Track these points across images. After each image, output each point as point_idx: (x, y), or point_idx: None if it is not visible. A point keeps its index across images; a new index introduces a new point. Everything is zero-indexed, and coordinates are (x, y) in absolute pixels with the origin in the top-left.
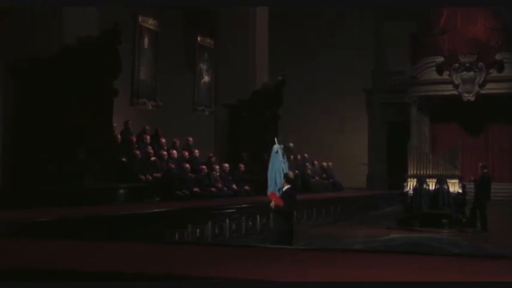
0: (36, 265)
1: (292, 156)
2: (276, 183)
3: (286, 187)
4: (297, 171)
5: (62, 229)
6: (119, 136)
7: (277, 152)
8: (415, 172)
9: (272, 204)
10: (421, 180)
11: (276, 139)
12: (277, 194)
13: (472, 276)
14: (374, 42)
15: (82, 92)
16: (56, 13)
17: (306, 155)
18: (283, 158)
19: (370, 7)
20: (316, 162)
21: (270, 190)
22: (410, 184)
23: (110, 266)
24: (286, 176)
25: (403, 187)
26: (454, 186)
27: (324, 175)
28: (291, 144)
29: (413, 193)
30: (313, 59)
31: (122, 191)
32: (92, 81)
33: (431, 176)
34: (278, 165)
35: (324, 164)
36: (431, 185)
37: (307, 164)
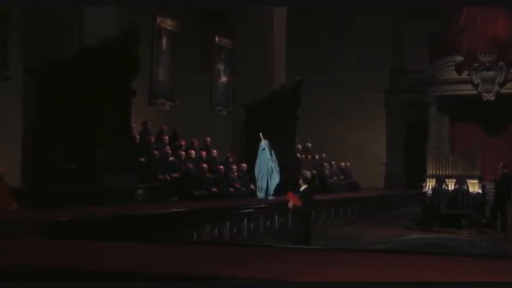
0: (57, 264)
1: (310, 156)
2: (267, 188)
3: (303, 187)
4: (314, 171)
5: (82, 229)
6: (137, 136)
7: (264, 149)
8: (434, 172)
9: (290, 204)
10: (440, 181)
11: (261, 134)
12: (295, 194)
13: (490, 277)
14: (392, 42)
15: (101, 93)
16: (76, 14)
17: (324, 155)
18: (272, 156)
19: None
20: (334, 162)
21: (260, 196)
22: (429, 184)
23: (128, 266)
24: (303, 175)
25: (421, 187)
26: (473, 187)
27: (342, 175)
28: (309, 144)
29: (432, 193)
30: (331, 59)
31: (140, 191)
32: (110, 81)
33: (450, 176)
34: (266, 165)
35: (342, 164)
36: (451, 185)
37: (325, 164)
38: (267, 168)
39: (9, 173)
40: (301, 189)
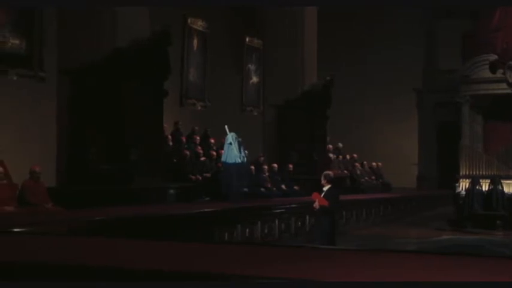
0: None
1: (341, 157)
2: (228, 191)
3: (327, 186)
4: (345, 172)
5: (116, 228)
6: (169, 137)
7: (230, 143)
8: (467, 172)
9: (316, 204)
10: (474, 181)
11: (226, 126)
12: (320, 194)
13: None
14: (425, 41)
15: (133, 93)
16: (109, 15)
17: (355, 155)
18: (240, 152)
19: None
20: (365, 162)
21: (230, 199)
22: (463, 185)
23: (160, 265)
24: (326, 176)
25: (454, 188)
26: (508, 187)
27: (373, 176)
28: (340, 145)
29: (465, 194)
30: (362, 59)
31: (172, 191)
32: (142, 82)
33: (484, 177)
34: (233, 160)
35: (374, 164)
36: (485, 186)
37: (357, 164)
38: (236, 167)
39: (45, 173)
40: (324, 189)
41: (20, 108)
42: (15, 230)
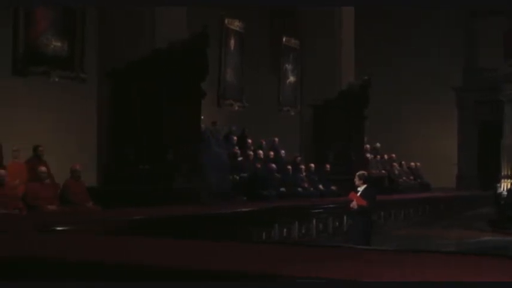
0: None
1: (379, 157)
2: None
3: (363, 186)
4: (383, 172)
5: (157, 227)
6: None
7: (208, 137)
8: (509, 172)
9: (354, 204)
10: None
11: (202, 117)
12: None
13: None
14: (465, 40)
15: (171, 94)
16: (148, 16)
17: (393, 155)
18: (219, 148)
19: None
20: (403, 162)
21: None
22: (504, 185)
23: (198, 264)
24: (362, 175)
25: (496, 188)
26: None
27: (412, 176)
28: (378, 145)
29: (507, 194)
30: (401, 58)
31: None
32: (181, 83)
33: None
34: (213, 160)
35: (412, 164)
36: None
37: (395, 164)
38: (218, 167)
39: (85, 173)
40: (359, 188)
41: (61, 109)
42: (58, 228)
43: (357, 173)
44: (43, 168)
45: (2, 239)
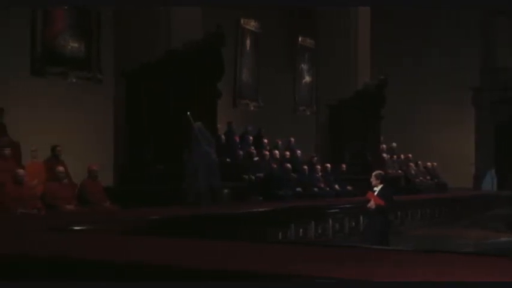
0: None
1: (395, 157)
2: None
3: (379, 186)
4: (400, 171)
5: (172, 227)
6: (222, 137)
7: (197, 135)
8: None
9: (372, 204)
10: None
11: (188, 113)
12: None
13: None
14: (482, 39)
15: (187, 94)
16: (164, 17)
17: (409, 155)
18: (209, 147)
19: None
20: (420, 162)
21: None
22: None
23: (214, 265)
24: (379, 175)
25: None
26: None
27: (428, 176)
28: (394, 144)
29: None
30: (417, 58)
31: (225, 191)
32: (196, 83)
33: None
34: (200, 156)
35: (428, 164)
36: None
37: (411, 164)
38: (207, 165)
39: (102, 173)
40: (376, 188)
41: (78, 109)
42: (76, 228)
43: (374, 173)
44: (61, 168)
45: (18, 238)
